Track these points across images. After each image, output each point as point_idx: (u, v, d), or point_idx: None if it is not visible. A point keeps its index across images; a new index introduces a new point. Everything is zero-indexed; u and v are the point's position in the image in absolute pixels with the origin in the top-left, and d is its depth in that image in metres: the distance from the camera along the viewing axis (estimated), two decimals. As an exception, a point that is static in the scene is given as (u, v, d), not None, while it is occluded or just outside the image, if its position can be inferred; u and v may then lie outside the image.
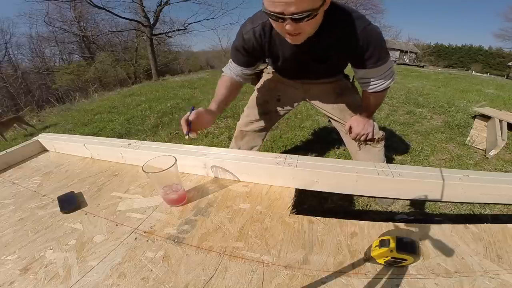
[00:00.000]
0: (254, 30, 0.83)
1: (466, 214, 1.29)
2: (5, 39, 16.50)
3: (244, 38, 0.85)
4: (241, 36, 0.86)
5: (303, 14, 0.62)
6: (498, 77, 13.92)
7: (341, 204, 1.36)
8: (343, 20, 0.76)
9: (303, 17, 0.62)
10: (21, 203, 0.76)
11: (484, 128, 2.43)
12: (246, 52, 0.89)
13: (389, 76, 0.88)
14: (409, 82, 5.43)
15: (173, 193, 0.67)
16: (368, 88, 0.91)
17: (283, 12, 0.62)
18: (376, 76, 0.86)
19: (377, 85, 0.89)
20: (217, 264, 0.51)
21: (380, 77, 0.87)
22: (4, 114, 8.48)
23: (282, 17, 0.63)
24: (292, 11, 0.61)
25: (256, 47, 0.86)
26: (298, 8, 0.60)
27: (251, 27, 0.83)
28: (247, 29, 0.84)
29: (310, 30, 0.71)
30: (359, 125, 1.04)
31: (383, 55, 0.81)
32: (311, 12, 0.62)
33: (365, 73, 0.86)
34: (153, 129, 2.85)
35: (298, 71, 0.99)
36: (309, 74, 1.02)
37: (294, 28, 0.66)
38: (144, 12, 11.99)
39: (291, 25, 0.65)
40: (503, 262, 0.49)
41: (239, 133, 1.25)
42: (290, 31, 0.67)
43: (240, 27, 0.88)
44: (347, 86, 1.13)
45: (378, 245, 0.46)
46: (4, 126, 3.71)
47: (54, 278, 0.50)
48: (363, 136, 1.05)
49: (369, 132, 1.05)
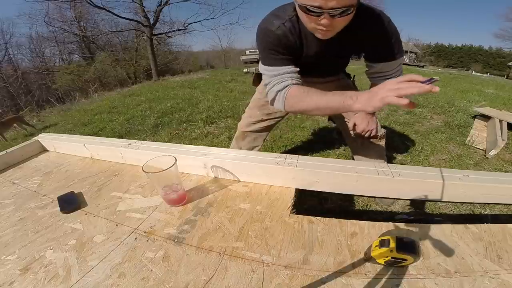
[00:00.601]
0: (285, 25, 0.78)
1: (466, 214, 1.29)
2: (5, 39, 16.52)
3: (278, 33, 0.78)
4: (272, 33, 0.78)
5: (341, 10, 0.61)
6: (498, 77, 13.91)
7: (341, 204, 1.36)
8: (370, 15, 0.77)
9: (341, 12, 0.62)
10: (21, 203, 0.77)
11: (484, 128, 2.43)
12: (284, 49, 0.80)
13: (401, 71, 0.91)
14: (409, 82, 5.42)
15: (173, 193, 0.67)
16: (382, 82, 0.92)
17: (321, 6, 0.61)
18: (392, 69, 0.89)
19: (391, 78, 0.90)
20: (217, 264, 0.51)
21: (395, 70, 0.90)
22: (4, 114, 8.48)
23: (320, 12, 0.62)
24: (332, 5, 0.60)
25: (292, 40, 0.80)
26: (338, 3, 0.60)
27: (280, 23, 0.78)
28: (275, 25, 0.77)
29: (341, 26, 0.70)
30: (363, 121, 1.05)
31: (401, 49, 0.85)
32: (349, 7, 0.62)
33: (383, 66, 0.89)
34: (153, 129, 2.85)
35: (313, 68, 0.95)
36: (320, 71, 1.01)
37: (329, 23, 0.65)
38: (144, 12, 11.98)
39: (327, 20, 0.63)
40: (503, 262, 0.49)
41: (240, 133, 1.25)
42: (325, 25, 0.65)
43: (264, 27, 0.79)
44: (349, 85, 1.15)
45: (378, 245, 0.46)
46: (4, 126, 3.72)
47: (54, 278, 0.50)
48: (367, 132, 1.06)
49: (373, 128, 1.06)
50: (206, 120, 2.92)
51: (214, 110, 3.31)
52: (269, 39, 0.79)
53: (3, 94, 13.90)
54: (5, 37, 16.59)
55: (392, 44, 0.83)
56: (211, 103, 3.67)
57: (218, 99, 3.92)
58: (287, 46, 0.80)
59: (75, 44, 17.17)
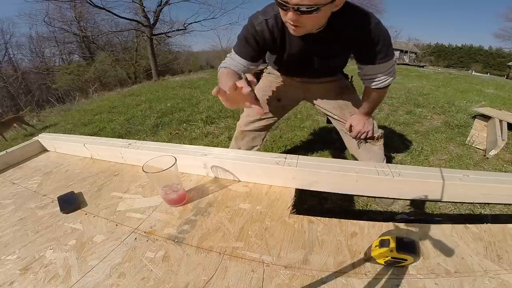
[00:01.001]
0: (267, 21, 0.82)
1: (466, 214, 1.29)
2: (5, 39, 16.52)
3: (257, 29, 0.83)
4: (253, 28, 0.84)
5: (306, 7, 0.62)
6: (498, 77, 13.92)
7: (341, 204, 1.36)
8: (356, 16, 0.77)
9: (305, 10, 0.63)
10: (21, 203, 0.76)
11: (484, 128, 2.43)
12: (257, 44, 0.86)
13: (392, 73, 0.90)
14: (409, 82, 5.43)
15: (173, 193, 0.67)
16: (372, 84, 0.93)
17: (287, 1, 0.62)
18: (382, 72, 0.88)
19: (381, 81, 0.91)
20: (217, 264, 0.51)
21: (385, 73, 0.89)
22: (4, 114, 8.48)
23: (286, 6, 0.64)
24: (296, 2, 0.61)
25: (269, 38, 0.85)
26: (302, 1, 0.61)
27: (264, 19, 0.82)
28: (259, 20, 0.82)
29: (310, 25, 0.72)
30: (359, 123, 1.05)
31: (390, 52, 0.84)
32: (314, 6, 0.62)
33: (372, 68, 0.88)
34: (153, 129, 2.85)
35: (301, 67, 0.99)
36: (312, 71, 1.02)
37: (295, 19, 0.67)
38: (144, 12, 11.98)
39: (293, 15, 0.66)
40: (503, 262, 0.49)
41: (239, 133, 1.25)
42: (291, 20, 0.68)
43: (250, 19, 0.85)
44: (346, 85, 1.14)
45: (378, 245, 0.46)
46: (4, 126, 3.72)
47: (54, 278, 0.50)
48: (363, 134, 1.06)
49: (369, 130, 1.06)
50: (206, 120, 2.92)
51: (214, 110, 3.31)
52: (247, 32, 0.85)
53: (3, 94, 13.90)
54: (5, 37, 16.60)
55: (379, 47, 0.81)
56: (211, 103, 3.67)
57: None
58: (262, 42, 0.85)
59: (75, 44, 17.17)
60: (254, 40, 0.85)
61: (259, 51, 0.90)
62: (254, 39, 0.85)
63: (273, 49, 0.92)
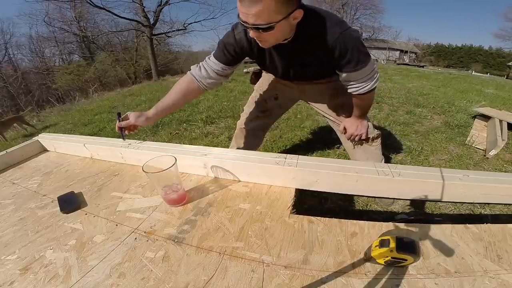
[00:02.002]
0: (246, 31, 0.83)
1: (466, 214, 1.29)
2: (5, 39, 16.53)
3: (236, 38, 0.86)
4: (233, 36, 0.87)
5: (262, 26, 0.67)
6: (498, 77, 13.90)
7: (341, 204, 1.36)
8: (319, 28, 0.78)
9: (261, 28, 0.68)
10: (21, 203, 0.77)
11: (484, 128, 2.43)
12: (234, 51, 0.89)
13: (371, 79, 0.87)
14: (409, 82, 5.42)
15: (173, 193, 0.67)
16: (351, 90, 0.92)
17: (245, 21, 0.68)
18: (358, 79, 0.86)
19: (360, 87, 0.89)
20: (217, 264, 0.51)
21: (362, 80, 0.86)
22: (4, 114, 8.48)
23: (246, 26, 0.70)
24: (252, 22, 0.67)
25: (246, 47, 0.88)
26: (256, 21, 0.66)
27: (243, 28, 0.84)
28: (239, 29, 0.85)
29: (273, 40, 0.76)
30: (352, 126, 1.05)
31: (362, 58, 0.81)
32: (267, 25, 0.67)
33: (347, 76, 0.87)
34: (153, 129, 2.85)
35: (284, 74, 1.00)
36: (296, 76, 1.02)
37: (256, 36, 0.73)
38: (144, 12, 11.98)
39: (254, 33, 0.72)
40: (503, 262, 0.49)
41: (239, 131, 1.26)
42: (254, 37, 0.74)
43: (232, 26, 0.88)
44: (341, 87, 1.13)
45: (378, 245, 0.46)
46: (4, 126, 3.72)
47: (54, 278, 0.50)
48: (357, 136, 1.06)
49: (363, 133, 1.06)
50: (206, 120, 2.92)
51: (214, 110, 3.31)
52: (228, 39, 0.88)
53: (3, 94, 13.90)
54: (5, 37, 16.62)
55: (348, 57, 0.80)
56: (211, 103, 3.67)
57: (218, 99, 3.92)
58: (240, 50, 0.89)
59: (75, 44, 17.19)
60: (232, 47, 0.89)
61: (237, 58, 0.93)
62: (233, 46, 0.88)
63: (252, 57, 0.94)
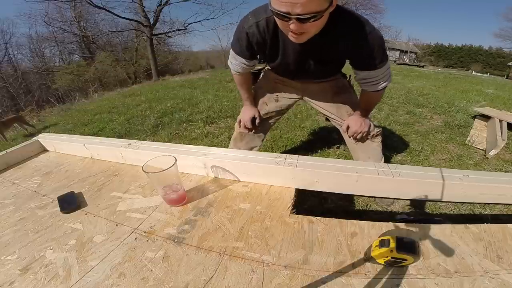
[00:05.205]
0: (258, 24, 0.83)
1: (466, 214, 1.29)
2: (5, 39, 16.50)
3: (248, 32, 0.85)
4: (244, 31, 0.86)
5: (308, 15, 0.63)
6: (498, 77, 13.91)
7: (341, 204, 1.36)
8: (352, 24, 0.77)
9: (308, 17, 0.63)
10: (21, 203, 0.76)
11: (484, 128, 2.43)
12: (250, 46, 0.90)
13: (387, 76, 0.92)
14: (409, 82, 5.42)
15: (173, 193, 0.67)
16: (369, 88, 0.94)
17: (289, 12, 0.62)
18: (377, 76, 0.89)
19: (378, 84, 0.92)
20: (217, 264, 0.51)
21: (381, 76, 0.89)
22: (4, 114, 8.48)
23: (288, 17, 0.64)
24: (298, 12, 0.62)
25: (260, 41, 0.87)
26: (304, 10, 0.61)
27: (255, 21, 0.83)
28: (249, 23, 0.84)
29: (314, 30, 0.72)
30: (356, 124, 1.06)
31: (384, 57, 0.85)
32: (316, 14, 0.63)
33: (368, 74, 0.89)
34: (153, 129, 2.85)
35: (296, 71, 1.00)
36: (306, 75, 1.02)
37: (298, 28, 0.67)
38: (144, 12, 11.97)
39: (296, 25, 0.66)
40: (503, 262, 0.49)
41: (237, 134, 1.25)
42: (295, 30, 0.68)
43: (241, 21, 0.87)
44: (344, 85, 1.14)
45: (378, 245, 0.46)
46: (5, 126, 3.71)
47: (54, 278, 0.50)
48: (359, 134, 1.07)
49: (366, 131, 1.07)
50: (206, 120, 2.92)
51: (214, 110, 3.31)
52: (240, 34, 0.88)
53: (3, 94, 13.88)
54: (5, 37, 16.58)
55: (375, 54, 0.82)
56: (211, 103, 3.67)
57: (218, 99, 3.92)
58: (254, 43, 0.89)
59: (75, 44, 17.15)
60: (247, 42, 0.89)
61: (254, 51, 0.94)
62: (247, 41, 0.88)
63: (264, 51, 0.93)
